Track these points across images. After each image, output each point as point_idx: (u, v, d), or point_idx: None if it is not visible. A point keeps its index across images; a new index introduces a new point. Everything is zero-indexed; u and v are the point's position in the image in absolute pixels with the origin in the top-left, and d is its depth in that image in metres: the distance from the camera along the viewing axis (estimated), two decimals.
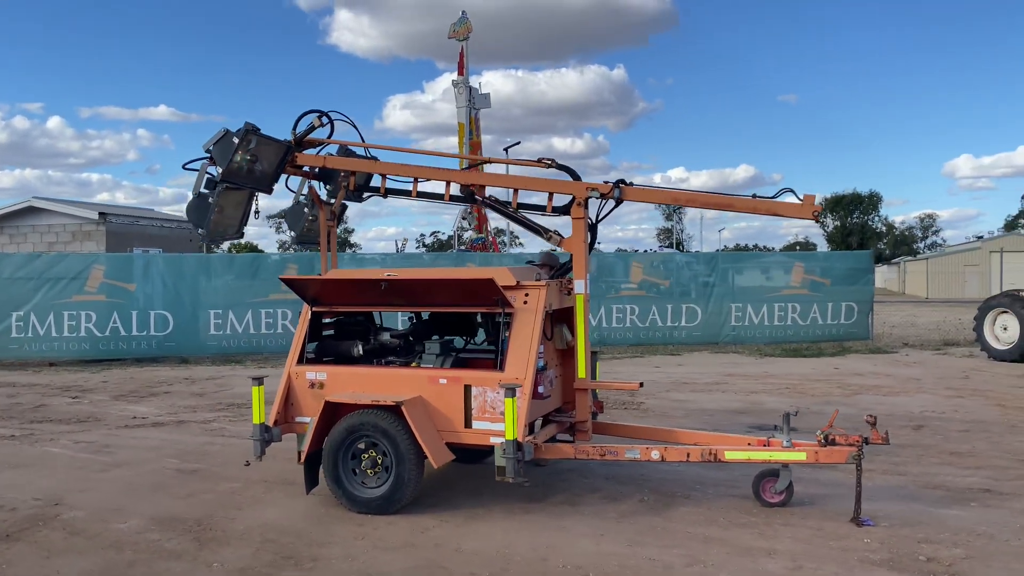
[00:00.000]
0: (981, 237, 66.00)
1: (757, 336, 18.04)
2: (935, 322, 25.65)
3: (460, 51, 35.42)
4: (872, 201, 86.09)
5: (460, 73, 34.57)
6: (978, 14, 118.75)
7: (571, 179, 6.26)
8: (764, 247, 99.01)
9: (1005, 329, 15.27)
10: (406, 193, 6.88)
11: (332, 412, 5.86)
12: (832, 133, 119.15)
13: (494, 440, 5.58)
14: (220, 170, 6.35)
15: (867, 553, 4.87)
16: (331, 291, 6.28)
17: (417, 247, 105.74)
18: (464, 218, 37.82)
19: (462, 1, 42.12)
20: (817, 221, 5.71)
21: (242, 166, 6.33)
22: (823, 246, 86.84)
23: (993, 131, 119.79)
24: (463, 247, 35.33)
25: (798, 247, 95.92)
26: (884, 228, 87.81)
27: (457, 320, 6.74)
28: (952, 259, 54.96)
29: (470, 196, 6.64)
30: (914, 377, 13.00)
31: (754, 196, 5.93)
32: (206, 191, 6.55)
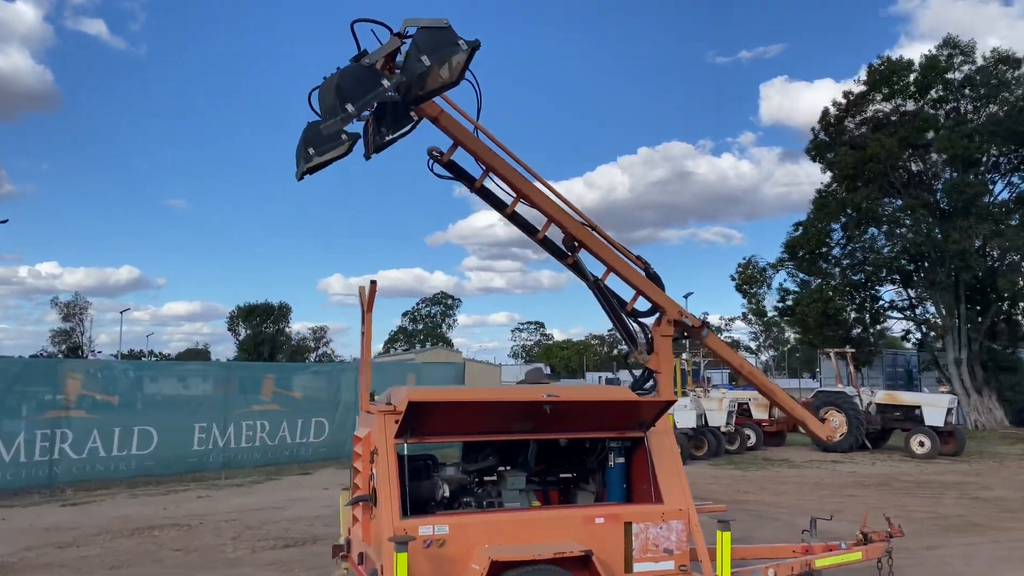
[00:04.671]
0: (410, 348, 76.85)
1: None
2: None
3: None
4: (283, 312, 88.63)
5: None
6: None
7: (658, 288, 6.37)
8: (160, 353, 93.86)
9: None
10: (499, 205, 6.22)
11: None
12: (224, 243, 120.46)
13: None
14: (424, 61, 4.98)
15: None
16: (455, 417, 5.30)
17: None
18: None
19: None
20: (830, 442, 6.78)
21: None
22: (230, 353, 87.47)
23: (359, 256, 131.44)
24: None
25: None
26: (284, 338, 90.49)
27: (508, 448, 5.99)
28: (394, 367, 62.58)
29: (569, 249, 6.11)
30: None
31: (798, 400, 6.66)
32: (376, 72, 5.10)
